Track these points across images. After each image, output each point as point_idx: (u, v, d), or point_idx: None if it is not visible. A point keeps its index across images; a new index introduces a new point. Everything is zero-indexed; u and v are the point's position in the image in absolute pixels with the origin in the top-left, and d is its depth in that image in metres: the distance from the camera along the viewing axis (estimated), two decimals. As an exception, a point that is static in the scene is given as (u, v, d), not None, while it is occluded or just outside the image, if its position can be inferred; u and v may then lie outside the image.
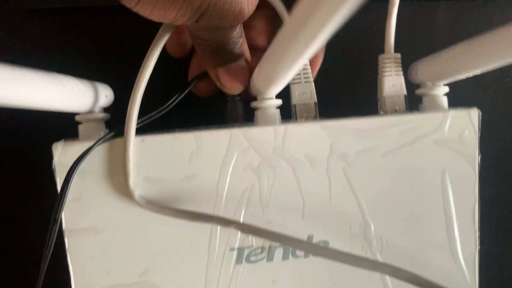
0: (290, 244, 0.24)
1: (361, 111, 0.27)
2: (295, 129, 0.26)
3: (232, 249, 0.27)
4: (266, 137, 0.26)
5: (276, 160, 0.26)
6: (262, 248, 0.27)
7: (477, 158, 0.27)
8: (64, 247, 0.26)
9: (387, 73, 0.28)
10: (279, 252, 0.27)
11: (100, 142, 0.25)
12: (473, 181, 0.27)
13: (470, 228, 0.28)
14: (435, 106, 0.28)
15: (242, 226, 0.25)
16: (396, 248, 0.27)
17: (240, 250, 0.27)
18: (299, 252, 0.27)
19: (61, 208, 0.25)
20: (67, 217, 0.26)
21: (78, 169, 0.25)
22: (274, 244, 0.27)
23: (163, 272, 0.27)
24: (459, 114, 0.27)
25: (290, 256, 0.27)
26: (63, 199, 0.25)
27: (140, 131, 0.26)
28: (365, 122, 0.27)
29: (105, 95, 0.27)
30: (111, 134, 0.25)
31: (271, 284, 0.27)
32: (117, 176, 0.26)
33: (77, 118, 0.27)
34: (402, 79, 0.28)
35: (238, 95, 0.28)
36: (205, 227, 0.27)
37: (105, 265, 0.27)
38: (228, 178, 0.26)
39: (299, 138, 0.26)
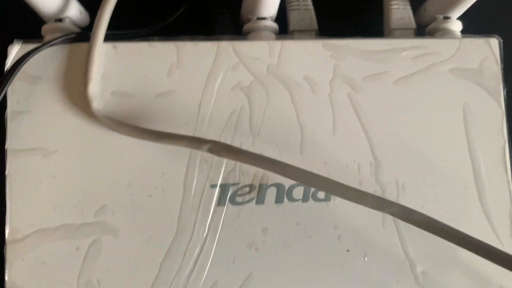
0: (283, 172, 0.19)
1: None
2: (293, 46, 0.22)
3: (213, 186, 0.22)
4: (260, 53, 0.22)
5: (270, 81, 0.22)
6: (251, 187, 0.22)
7: (502, 92, 0.23)
8: (3, 172, 0.21)
9: (394, 6, 0.25)
10: (271, 192, 0.22)
11: (60, 40, 0.21)
12: (500, 119, 0.23)
13: (502, 177, 0.23)
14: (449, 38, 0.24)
15: (219, 146, 0.20)
16: (415, 195, 0.22)
17: (224, 188, 0.22)
18: (296, 195, 0.22)
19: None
20: (11, 133, 0.21)
21: (32, 76, 0.21)
22: (265, 182, 0.22)
23: (124, 212, 0.21)
24: (477, 42, 0.24)
25: (285, 199, 0.22)
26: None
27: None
28: (373, 43, 0.23)
29: (80, 11, 0.24)
30: (74, 35, 0.21)
31: (260, 234, 0.21)
32: (77, 86, 0.21)
33: (43, 28, 0.23)
34: (410, 12, 0.25)
35: (229, 15, 0.24)
36: (182, 156, 0.21)
37: (53, 197, 0.21)
38: (213, 98, 0.22)
39: (297, 56, 0.23)
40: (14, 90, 0.21)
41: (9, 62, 0.21)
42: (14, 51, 0.21)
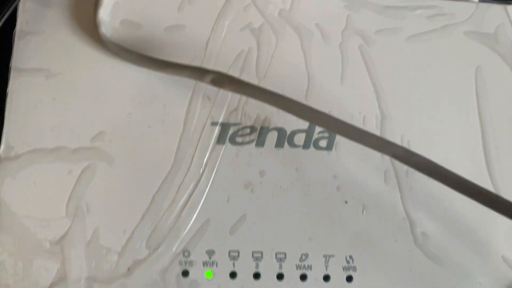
0: (286, 107, 0.19)
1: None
2: (307, -7, 0.22)
3: (214, 124, 0.21)
4: (273, -3, 0.22)
5: (281, 25, 0.22)
6: (252, 129, 0.21)
7: (517, 59, 0.23)
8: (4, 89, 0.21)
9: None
10: (272, 136, 0.21)
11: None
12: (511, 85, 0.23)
13: (510, 144, 0.22)
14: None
15: (222, 77, 0.19)
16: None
17: (224, 127, 0.21)
18: (298, 141, 0.21)
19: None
20: (17, 52, 0.21)
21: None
22: (267, 126, 0.21)
23: (121, 140, 0.20)
24: (494, 8, 0.23)
25: (286, 143, 0.21)
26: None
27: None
28: (388, -2, 0.23)
29: None
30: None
31: (257, 176, 0.21)
32: (88, 12, 0.20)
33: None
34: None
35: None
36: (185, 91, 0.21)
37: (51, 119, 0.20)
38: (222, 36, 0.22)
39: (311, 3, 0.22)
40: (25, 11, 0.21)
41: (22, -18, 0.21)
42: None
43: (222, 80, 0.19)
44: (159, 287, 0.19)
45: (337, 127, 0.18)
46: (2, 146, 0.20)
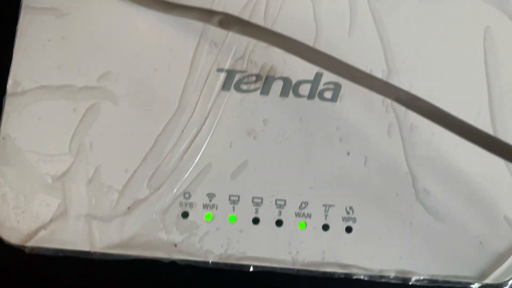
0: (293, 50, 0.19)
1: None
2: None
3: (220, 70, 0.21)
4: None
5: (291, -23, 0.22)
6: (257, 77, 0.21)
7: (527, 22, 0.23)
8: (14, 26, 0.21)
9: None
10: (277, 85, 0.21)
11: None
12: (521, 48, 0.22)
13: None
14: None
15: (230, 19, 0.19)
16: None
17: (230, 74, 0.21)
18: (303, 91, 0.21)
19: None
20: (30, -10, 0.21)
21: None
22: (272, 74, 0.21)
23: (127, 81, 0.20)
24: (507, -30, 0.23)
25: (291, 93, 0.21)
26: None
27: None
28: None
29: None
30: None
31: (261, 124, 0.21)
32: None
33: None
34: None
35: None
36: (192, 35, 0.21)
37: (59, 57, 0.20)
38: (232, -15, 0.22)
39: (321, -43, 0.22)
40: (38, -49, 0.21)
41: None
42: None
43: (230, 21, 0.19)
44: (158, 227, 0.20)
45: (343, 69, 0.18)
46: (10, 81, 0.20)
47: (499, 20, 0.22)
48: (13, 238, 0.19)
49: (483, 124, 0.21)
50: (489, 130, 0.21)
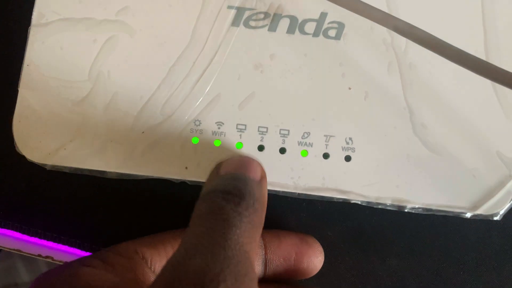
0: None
1: None
2: None
3: (230, 7, 0.22)
4: None
5: None
6: (266, 14, 0.22)
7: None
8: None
9: None
10: (284, 22, 0.22)
11: None
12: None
13: (512, 48, 0.23)
14: None
15: None
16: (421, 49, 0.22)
17: (240, 11, 0.22)
18: (308, 29, 0.22)
19: None
20: None
21: None
22: (280, 13, 0.22)
23: (144, 15, 0.22)
24: None
25: (297, 30, 0.22)
26: None
27: None
28: None
29: None
30: None
31: (267, 58, 0.22)
32: None
33: None
34: None
35: None
36: (205, -25, 0.22)
37: None
38: None
39: None
40: None
41: None
42: None
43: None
44: (171, 151, 0.21)
45: (346, 2, 0.19)
46: (34, 13, 0.21)
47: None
48: (36, 156, 0.21)
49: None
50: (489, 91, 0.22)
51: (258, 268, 0.20)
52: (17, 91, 0.21)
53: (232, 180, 0.17)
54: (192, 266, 0.12)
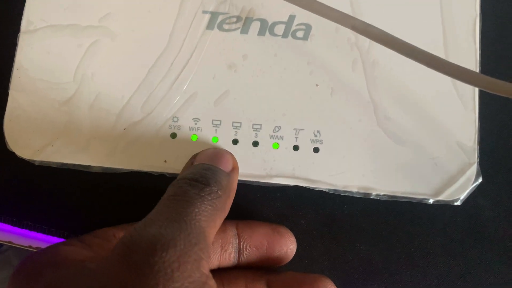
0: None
1: None
2: None
3: (205, 12, 0.24)
4: None
5: None
6: (238, 18, 0.24)
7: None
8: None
9: None
10: (255, 25, 0.24)
11: None
12: (474, -5, 0.25)
13: (470, 45, 0.24)
14: None
15: None
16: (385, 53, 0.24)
17: (214, 15, 0.24)
18: (278, 31, 0.24)
19: None
20: None
21: None
22: (251, 16, 0.24)
23: (125, 21, 0.23)
24: None
25: (267, 32, 0.24)
26: None
27: None
28: None
29: None
30: None
31: (240, 59, 0.23)
32: None
33: None
34: None
35: None
36: (181, -17, 0.24)
37: (66, 0, 0.24)
38: None
39: None
40: None
41: None
42: None
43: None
44: (150, 146, 0.22)
45: (312, 5, 0.21)
46: (23, 21, 0.23)
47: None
48: (25, 153, 0.22)
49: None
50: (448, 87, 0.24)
51: (231, 256, 0.21)
52: (8, 93, 0.22)
53: (202, 170, 0.18)
54: (146, 235, 0.14)
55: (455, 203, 0.23)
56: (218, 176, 0.18)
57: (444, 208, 0.23)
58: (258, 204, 0.23)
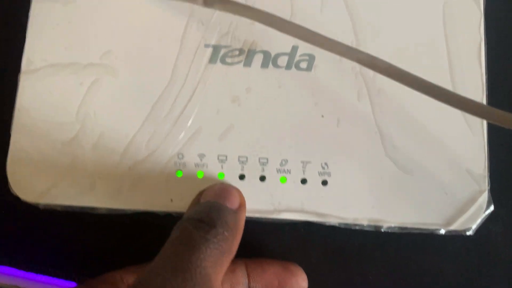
0: (269, 22, 0.21)
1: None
2: None
3: (207, 46, 0.24)
4: None
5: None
6: (241, 51, 0.24)
7: (482, -3, 0.25)
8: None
9: None
10: (258, 58, 0.24)
11: None
12: (478, 20, 0.25)
13: (476, 69, 0.24)
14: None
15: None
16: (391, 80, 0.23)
17: (216, 49, 0.24)
18: (281, 62, 0.23)
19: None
20: (39, -18, 0.24)
21: None
22: (254, 48, 0.24)
23: (126, 57, 0.23)
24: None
25: (270, 64, 0.23)
26: None
27: None
28: None
29: None
30: None
31: (244, 92, 0.23)
32: None
33: None
34: None
35: None
36: (182, 15, 0.24)
37: (66, 39, 0.23)
38: (216, -28, 0.24)
39: None
40: None
41: None
42: None
43: (213, 0, 0.22)
44: (156, 184, 0.22)
45: (315, 39, 0.20)
46: (24, 60, 0.23)
47: (457, -5, 0.24)
48: (29, 196, 0.22)
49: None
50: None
51: None
52: (10, 134, 0.22)
53: (207, 208, 0.18)
54: (152, 287, 0.14)
55: (467, 233, 0.22)
56: (225, 215, 0.18)
57: (456, 236, 0.23)
58: (267, 239, 0.23)
